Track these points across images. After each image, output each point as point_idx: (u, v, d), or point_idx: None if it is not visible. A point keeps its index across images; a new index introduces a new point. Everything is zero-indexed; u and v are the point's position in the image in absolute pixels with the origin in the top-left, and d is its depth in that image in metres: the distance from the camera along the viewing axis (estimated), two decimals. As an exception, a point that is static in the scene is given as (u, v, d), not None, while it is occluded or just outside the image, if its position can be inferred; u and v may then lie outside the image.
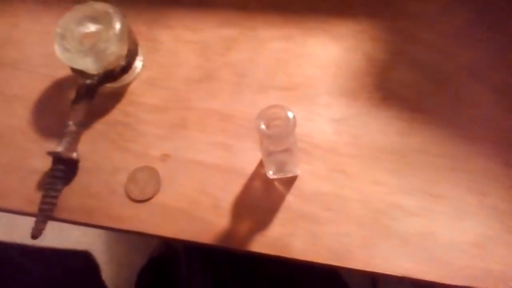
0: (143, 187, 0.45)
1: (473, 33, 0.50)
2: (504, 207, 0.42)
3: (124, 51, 0.48)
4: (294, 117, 0.37)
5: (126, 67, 0.49)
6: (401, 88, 0.48)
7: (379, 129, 0.46)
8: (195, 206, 0.44)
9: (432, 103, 0.47)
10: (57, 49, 0.46)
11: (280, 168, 0.43)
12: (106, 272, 0.77)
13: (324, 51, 0.51)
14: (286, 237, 0.42)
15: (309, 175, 0.45)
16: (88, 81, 0.47)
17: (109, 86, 0.50)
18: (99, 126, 0.50)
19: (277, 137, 0.37)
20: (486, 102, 0.47)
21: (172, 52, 0.53)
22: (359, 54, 0.51)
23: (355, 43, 0.51)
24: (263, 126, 0.36)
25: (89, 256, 0.70)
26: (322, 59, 0.51)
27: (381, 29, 0.52)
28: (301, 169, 0.45)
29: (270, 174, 0.44)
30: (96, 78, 0.47)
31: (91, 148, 0.49)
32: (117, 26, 0.46)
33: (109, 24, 0.46)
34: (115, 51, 0.46)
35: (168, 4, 0.57)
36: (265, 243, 0.42)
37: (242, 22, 0.54)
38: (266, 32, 0.53)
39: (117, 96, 0.51)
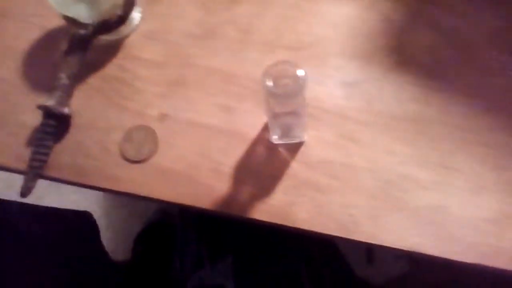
0: (139, 147, 0.42)
1: (500, -4, 0.47)
2: (523, 183, 0.39)
3: (120, -1, 0.44)
4: (305, 75, 0.33)
5: (123, 18, 0.45)
6: (418, 52, 0.45)
7: (394, 95, 0.43)
8: (194, 169, 0.42)
9: (451, 70, 0.44)
10: (48, -6, 0.42)
11: (285, 132, 0.41)
12: (103, 238, 0.76)
13: (337, 8, 0.47)
14: (290, 205, 0.40)
15: (317, 141, 0.42)
16: (82, 31, 0.44)
17: (105, 38, 0.47)
18: (94, 81, 0.47)
19: (285, 97, 0.34)
20: (508, 71, 0.43)
21: (173, 4, 0.49)
22: (375, 14, 0.47)
23: (371, 2, 0.47)
24: (270, 83, 0.33)
25: (89, 216, 0.68)
26: (334, 17, 0.47)
27: (400, -13, 0.48)
28: (308, 135, 0.42)
29: (275, 138, 0.42)
30: (90, 28, 0.44)
31: (85, 104, 0.45)
32: (114, -30, 0.42)
33: (104, -32, 0.42)
34: (110, -2, 0.43)
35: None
36: (267, 211, 0.40)
37: (251, -26, 0.50)
38: (276, -14, 0.49)
39: (114, 49, 0.48)
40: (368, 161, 0.41)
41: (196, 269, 0.62)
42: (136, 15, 0.48)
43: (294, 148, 0.42)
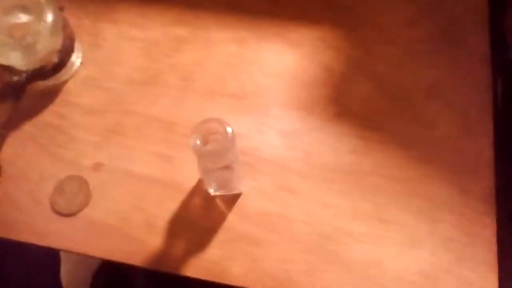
0: (70, 200, 0.41)
1: (436, 49, 0.48)
2: (456, 235, 0.40)
3: (57, 46, 0.43)
4: (233, 132, 0.33)
5: (59, 65, 0.44)
6: (357, 103, 0.45)
7: (332, 146, 0.43)
8: (126, 223, 0.40)
9: (388, 121, 0.45)
10: (-22, 41, 0.41)
11: (221, 185, 0.40)
12: (62, 271, 0.73)
13: (279, 58, 0.48)
14: (224, 260, 0.39)
15: (254, 192, 0.42)
16: (15, 78, 0.42)
17: (42, 83, 0.46)
18: (28, 128, 0.45)
19: (214, 155, 0.34)
20: (444, 122, 0.44)
21: (115, 50, 0.49)
22: (316, 64, 0.47)
23: (312, 51, 0.48)
24: (198, 142, 0.33)
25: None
26: (276, 66, 0.47)
27: (341, 38, 0.49)
28: (246, 185, 0.42)
29: (212, 191, 0.41)
30: (24, 75, 0.43)
31: (18, 152, 0.44)
32: (49, 18, 0.41)
33: (40, 15, 0.41)
34: (46, 45, 0.42)
35: (114, -4, 0.52)
36: (201, 267, 0.39)
37: (193, 21, 0.50)
38: (218, 34, 0.49)
39: (51, 95, 0.47)
40: (305, 213, 0.41)
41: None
42: (76, 60, 0.47)
43: (232, 199, 0.41)
